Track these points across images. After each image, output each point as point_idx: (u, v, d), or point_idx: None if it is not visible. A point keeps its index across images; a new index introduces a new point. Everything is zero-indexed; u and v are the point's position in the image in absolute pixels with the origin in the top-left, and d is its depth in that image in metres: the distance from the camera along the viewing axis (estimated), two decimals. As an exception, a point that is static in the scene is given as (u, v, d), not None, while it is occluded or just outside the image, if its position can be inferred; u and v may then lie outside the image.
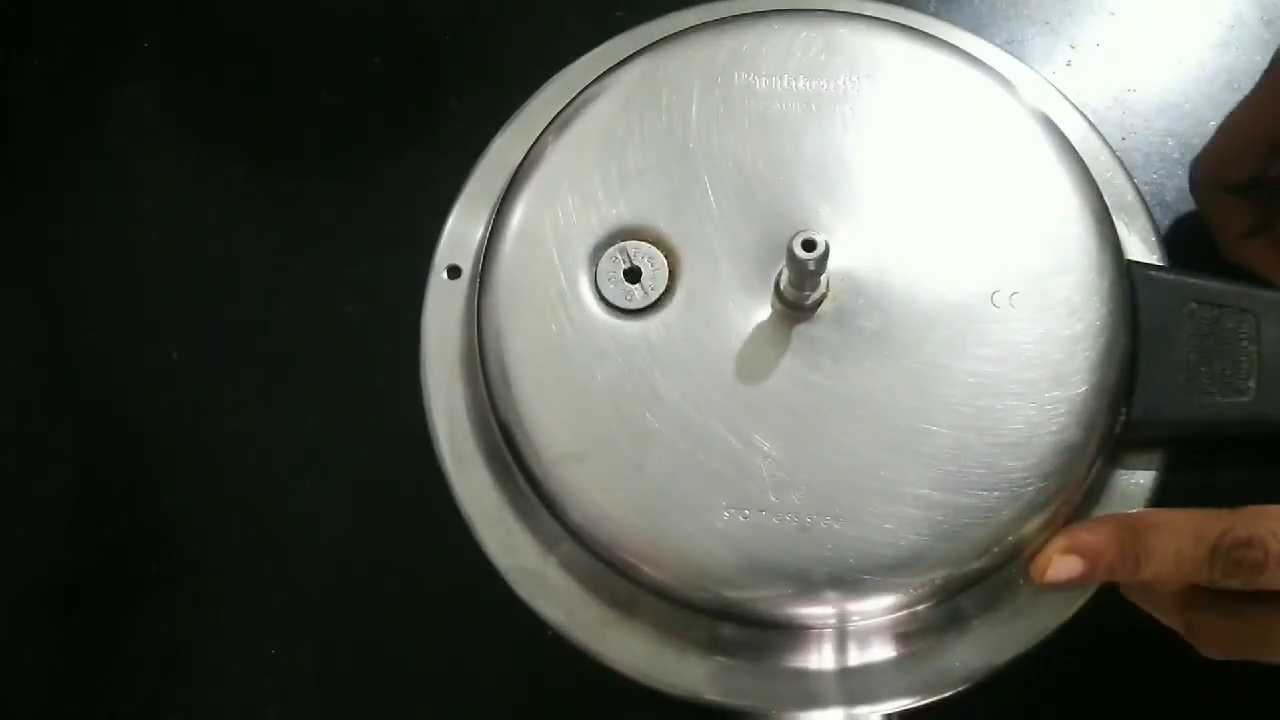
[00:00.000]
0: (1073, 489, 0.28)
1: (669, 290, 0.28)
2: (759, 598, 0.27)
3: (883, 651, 0.28)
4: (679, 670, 0.28)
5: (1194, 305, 0.29)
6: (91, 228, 0.43)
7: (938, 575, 0.27)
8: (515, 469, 0.28)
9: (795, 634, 0.28)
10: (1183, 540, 0.26)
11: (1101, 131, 0.32)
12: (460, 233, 0.31)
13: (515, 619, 0.28)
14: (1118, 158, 0.32)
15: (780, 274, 0.27)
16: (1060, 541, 0.27)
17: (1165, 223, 0.40)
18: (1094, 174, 0.30)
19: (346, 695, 0.38)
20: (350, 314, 0.41)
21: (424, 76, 0.45)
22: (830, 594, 0.26)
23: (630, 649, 0.28)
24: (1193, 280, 0.29)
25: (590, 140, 0.29)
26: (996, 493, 0.27)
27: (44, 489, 0.41)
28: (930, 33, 0.31)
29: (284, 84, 0.45)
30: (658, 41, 0.31)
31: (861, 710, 0.28)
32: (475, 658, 0.38)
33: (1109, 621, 0.29)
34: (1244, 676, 0.37)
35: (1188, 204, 0.39)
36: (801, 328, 0.28)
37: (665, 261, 0.28)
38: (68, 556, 0.40)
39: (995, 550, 0.27)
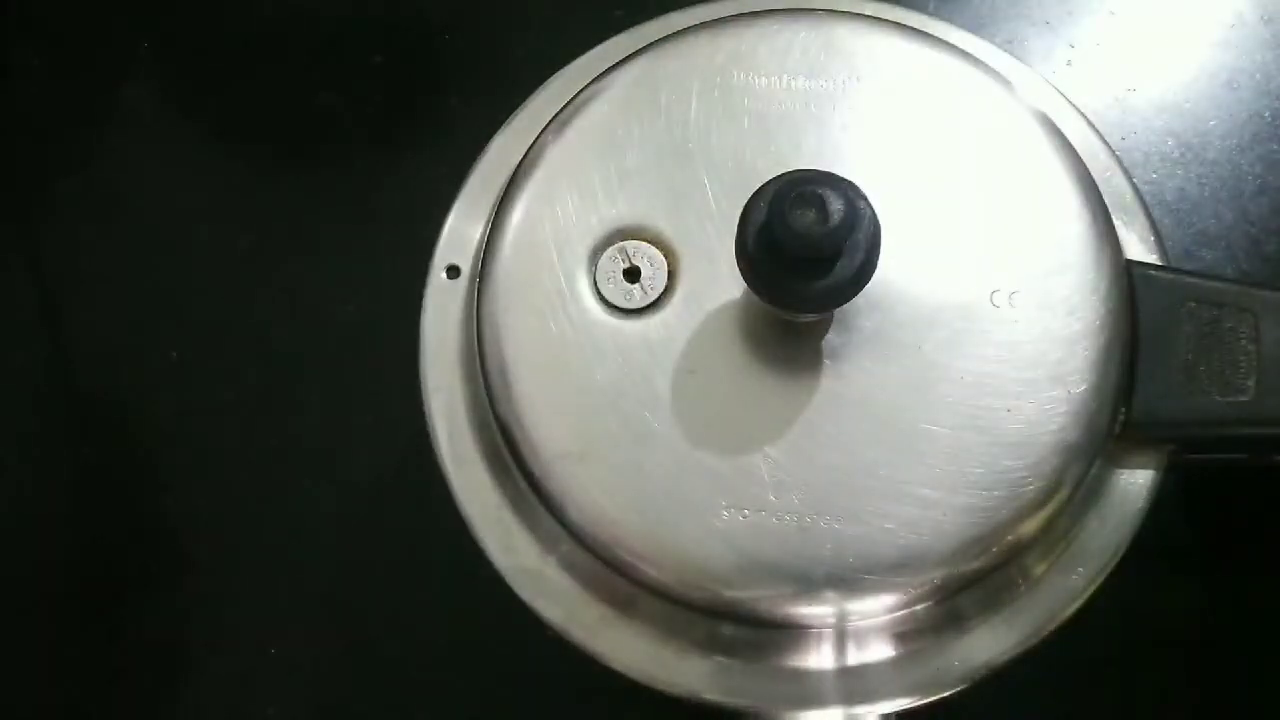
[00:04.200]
0: (1072, 488, 0.28)
1: (669, 290, 0.28)
2: (758, 597, 0.27)
3: (882, 651, 0.28)
4: (679, 670, 0.28)
5: (1193, 304, 0.29)
6: (91, 228, 0.43)
7: (937, 575, 0.27)
8: (515, 469, 0.28)
9: (795, 634, 0.28)
10: None
11: (1101, 131, 0.32)
12: (460, 232, 0.31)
13: (515, 619, 0.28)
14: (1117, 157, 0.32)
15: (779, 273, 0.27)
16: None
17: (1165, 222, 0.40)
18: (1093, 173, 0.30)
19: (346, 695, 0.38)
20: (350, 314, 0.41)
21: (424, 76, 0.45)
22: (830, 593, 0.26)
23: (630, 649, 0.28)
24: (1192, 279, 0.29)
25: (590, 140, 0.29)
26: (996, 492, 0.27)
27: (43, 489, 0.41)
28: (929, 32, 0.31)
29: (284, 84, 0.45)
30: (657, 41, 0.31)
31: (860, 710, 0.28)
32: (475, 658, 0.38)
33: (1110, 622, 0.29)
34: (1243, 678, 0.37)
35: (1187, 204, 0.39)
36: (801, 328, 0.28)
37: (665, 261, 0.28)
38: (67, 556, 0.40)
39: (995, 550, 0.27)
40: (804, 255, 0.23)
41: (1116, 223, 0.30)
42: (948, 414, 0.27)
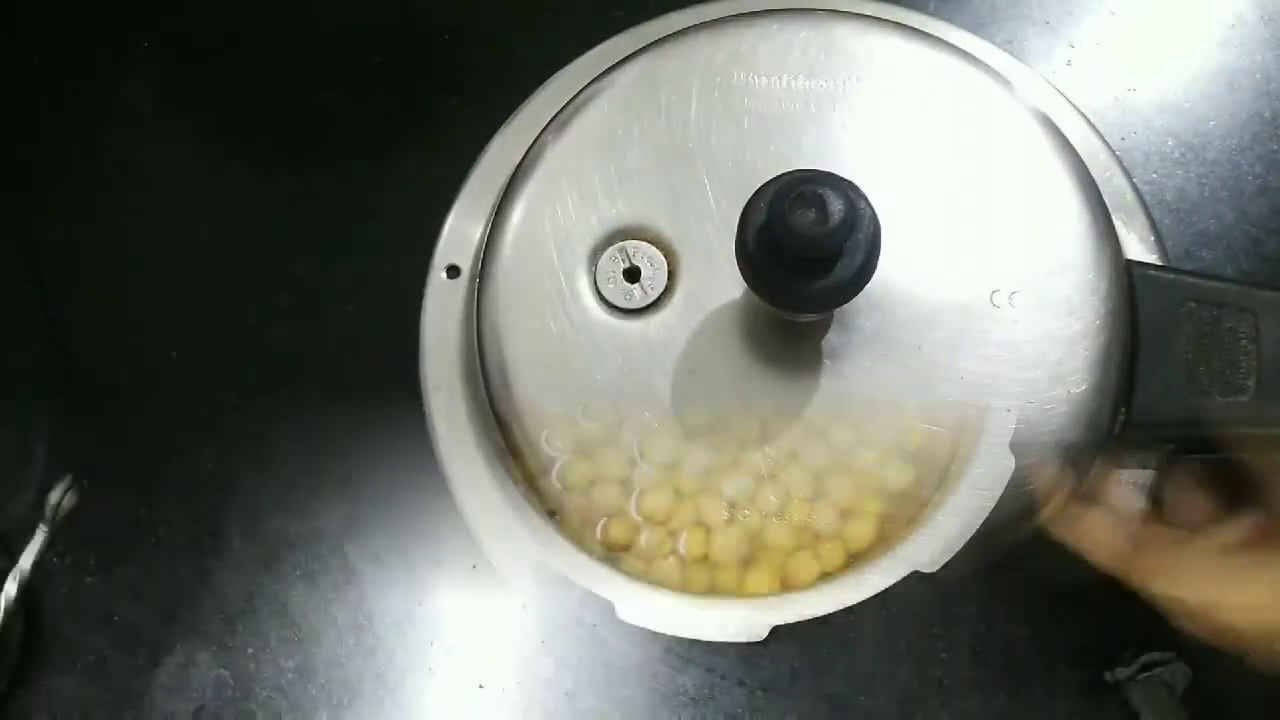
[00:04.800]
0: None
1: (668, 290, 0.28)
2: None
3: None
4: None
5: (1193, 305, 0.29)
6: (91, 228, 0.43)
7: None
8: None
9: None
10: None
11: (1101, 131, 0.32)
12: (460, 232, 0.31)
13: (515, 619, 0.28)
14: (1116, 157, 0.32)
15: (779, 273, 0.27)
16: None
17: (1165, 222, 0.40)
18: (1093, 174, 0.30)
19: (348, 694, 0.38)
20: (350, 314, 0.41)
21: (424, 76, 0.45)
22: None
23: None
24: (1192, 280, 0.29)
25: (589, 140, 0.29)
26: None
27: (43, 489, 0.41)
28: (929, 32, 0.31)
29: (284, 84, 0.45)
30: (657, 41, 0.31)
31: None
32: (475, 657, 0.38)
33: (1111, 622, 0.29)
34: (1243, 678, 0.37)
35: (1187, 204, 0.39)
36: (801, 328, 0.28)
37: (665, 261, 0.28)
38: (68, 557, 0.40)
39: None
40: (804, 255, 0.23)
41: (1116, 223, 0.30)
42: (948, 414, 0.27)
